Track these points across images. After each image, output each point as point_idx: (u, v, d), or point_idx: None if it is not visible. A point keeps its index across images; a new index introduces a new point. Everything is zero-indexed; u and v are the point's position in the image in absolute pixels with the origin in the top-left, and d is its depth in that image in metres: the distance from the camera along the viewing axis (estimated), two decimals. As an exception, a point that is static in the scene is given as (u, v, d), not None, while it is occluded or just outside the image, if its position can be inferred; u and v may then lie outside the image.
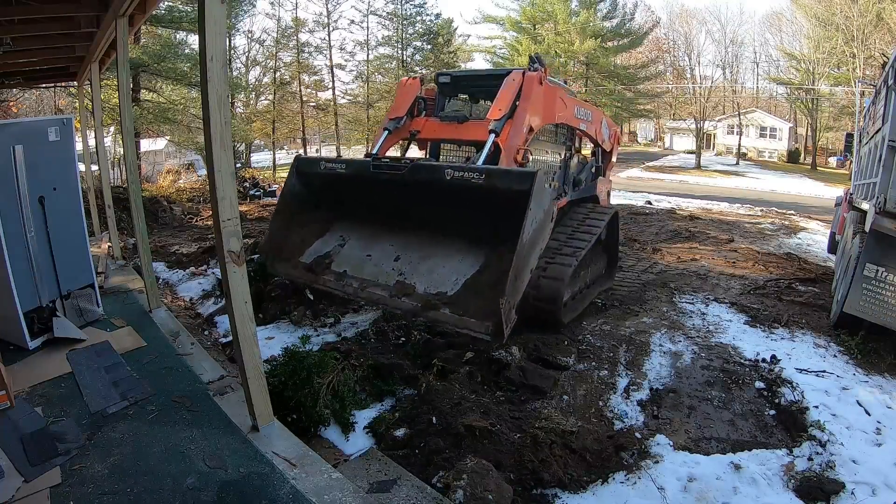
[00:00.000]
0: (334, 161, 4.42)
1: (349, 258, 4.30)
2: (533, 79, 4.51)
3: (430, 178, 3.76)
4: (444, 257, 3.89)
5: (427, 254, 4.01)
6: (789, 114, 38.26)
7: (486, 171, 3.54)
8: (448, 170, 3.64)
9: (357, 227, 4.50)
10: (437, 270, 3.85)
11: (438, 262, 3.90)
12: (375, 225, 4.41)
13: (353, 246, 4.39)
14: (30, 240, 4.00)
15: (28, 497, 2.50)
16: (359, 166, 4.20)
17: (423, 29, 30.08)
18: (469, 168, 3.57)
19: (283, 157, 38.54)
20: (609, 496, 2.94)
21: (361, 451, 3.23)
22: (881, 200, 4.25)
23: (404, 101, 5.01)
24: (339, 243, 4.46)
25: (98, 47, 5.62)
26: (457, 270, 3.77)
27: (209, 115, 2.51)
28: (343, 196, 4.53)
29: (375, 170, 4.02)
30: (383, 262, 4.12)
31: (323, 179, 4.45)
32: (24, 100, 17.46)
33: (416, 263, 3.98)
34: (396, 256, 4.11)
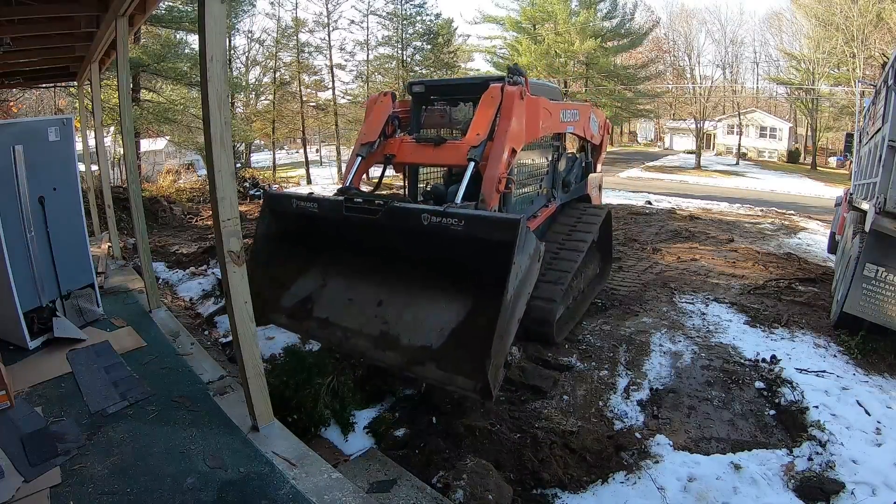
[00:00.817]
0: (306, 199, 4.03)
1: (331, 302, 3.97)
2: (513, 94, 4.05)
3: (406, 225, 3.42)
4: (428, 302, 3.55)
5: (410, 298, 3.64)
6: (789, 114, 38.27)
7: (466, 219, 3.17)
8: (425, 214, 3.30)
9: (336, 266, 4.14)
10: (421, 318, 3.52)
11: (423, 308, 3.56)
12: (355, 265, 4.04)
13: (334, 288, 4.04)
14: (30, 240, 4.00)
15: (28, 497, 2.50)
16: (331, 207, 3.81)
17: (423, 29, 30.05)
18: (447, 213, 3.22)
19: (283, 157, 38.62)
20: (609, 496, 2.94)
21: (361, 451, 3.23)
22: (881, 200, 4.25)
23: (376, 123, 4.59)
24: (319, 284, 4.12)
25: (98, 47, 5.62)
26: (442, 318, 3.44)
27: (209, 115, 2.51)
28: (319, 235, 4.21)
29: (348, 213, 3.69)
30: (366, 307, 3.77)
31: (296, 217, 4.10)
32: (24, 100, 17.46)
33: (399, 309, 3.64)
34: (379, 301, 3.75)
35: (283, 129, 29.24)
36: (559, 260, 4.94)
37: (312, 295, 4.05)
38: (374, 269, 3.90)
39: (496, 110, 4.03)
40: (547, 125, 4.86)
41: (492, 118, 4.02)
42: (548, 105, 4.83)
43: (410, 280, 3.66)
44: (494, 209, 3.83)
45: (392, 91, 4.79)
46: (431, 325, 3.41)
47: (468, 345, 3.16)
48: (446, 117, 5.21)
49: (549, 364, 4.39)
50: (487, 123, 3.99)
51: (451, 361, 3.18)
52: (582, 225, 5.42)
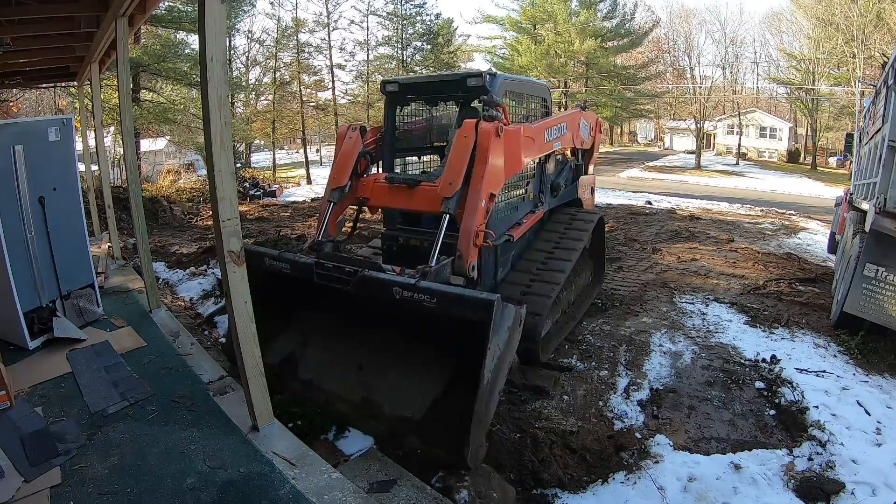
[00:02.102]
0: (278, 259, 3.81)
1: (313, 362, 3.87)
2: (489, 133, 3.67)
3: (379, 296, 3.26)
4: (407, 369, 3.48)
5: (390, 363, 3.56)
6: (789, 114, 38.28)
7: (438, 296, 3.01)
8: (396, 288, 3.15)
9: (315, 324, 4.02)
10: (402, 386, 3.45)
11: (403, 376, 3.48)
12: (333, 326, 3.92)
13: (315, 346, 3.95)
14: (30, 240, 4.01)
15: (28, 497, 2.50)
16: (303, 270, 3.62)
17: (423, 29, 30.10)
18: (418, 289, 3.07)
19: (283, 156, 38.61)
20: (609, 496, 2.94)
21: (361, 451, 3.23)
22: (881, 200, 4.25)
23: (346, 164, 4.28)
24: (301, 341, 4.01)
25: (98, 47, 5.62)
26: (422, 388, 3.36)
27: (209, 115, 2.51)
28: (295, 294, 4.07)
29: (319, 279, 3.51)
30: (347, 371, 3.68)
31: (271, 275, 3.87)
32: (24, 100, 17.46)
33: (380, 374, 3.56)
34: (359, 365, 3.66)
35: (283, 129, 29.25)
36: (547, 270, 4.65)
37: (295, 353, 3.93)
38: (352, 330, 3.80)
39: (471, 152, 3.68)
40: (531, 153, 4.55)
41: (466, 163, 3.67)
42: (530, 132, 4.49)
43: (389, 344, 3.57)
44: (473, 265, 3.62)
45: (361, 125, 4.50)
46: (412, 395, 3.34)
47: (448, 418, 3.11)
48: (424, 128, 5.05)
49: (549, 364, 4.39)
50: (461, 170, 3.65)
51: (433, 434, 3.14)
52: (572, 232, 5.18)
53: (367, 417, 3.42)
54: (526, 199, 4.91)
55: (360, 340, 3.73)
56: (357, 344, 3.74)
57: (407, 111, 5.03)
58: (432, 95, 4.94)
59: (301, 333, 4.00)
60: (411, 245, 4.47)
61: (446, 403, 3.21)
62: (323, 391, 3.64)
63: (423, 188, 4.01)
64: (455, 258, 3.60)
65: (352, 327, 3.80)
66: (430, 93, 4.94)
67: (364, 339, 3.71)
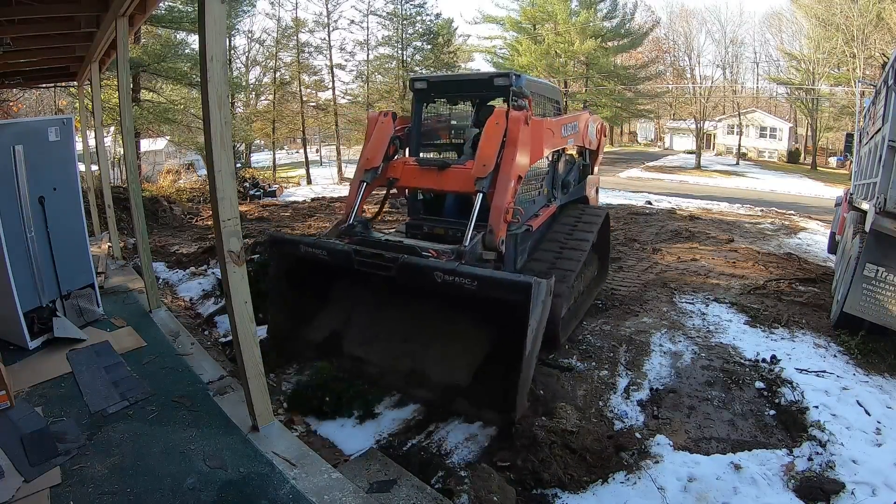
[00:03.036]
0: (314, 247, 4.02)
1: (358, 338, 4.12)
2: (518, 120, 4.03)
3: (420, 282, 3.50)
4: (451, 340, 3.76)
5: (434, 335, 3.84)
6: (789, 114, 38.26)
7: (479, 280, 3.26)
8: (437, 272, 3.38)
9: (357, 304, 4.24)
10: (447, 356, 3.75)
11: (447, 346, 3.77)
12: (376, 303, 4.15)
13: (359, 324, 4.19)
14: (30, 240, 4.01)
15: (28, 497, 2.50)
16: (342, 257, 3.80)
17: (423, 29, 30.08)
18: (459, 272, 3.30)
19: (283, 156, 38.61)
20: (609, 496, 2.94)
21: (361, 451, 3.23)
22: (881, 200, 4.24)
23: (379, 146, 4.55)
24: (344, 318, 4.23)
25: (98, 47, 5.63)
26: (465, 357, 3.69)
27: (209, 115, 2.51)
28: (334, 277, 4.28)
29: (359, 266, 3.70)
30: (393, 343, 3.96)
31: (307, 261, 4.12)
32: (24, 100, 17.46)
33: (425, 346, 3.83)
34: (405, 338, 3.94)
35: (283, 129, 29.26)
36: (562, 259, 4.91)
37: (339, 331, 4.17)
38: (395, 305, 4.01)
39: (502, 138, 4.01)
40: (550, 144, 4.90)
41: (498, 147, 4.00)
42: (550, 125, 4.85)
43: (431, 320, 3.84)
44: (502, 239, 3.91)
45: (392, 111, 4.75)
46: (456, 363, 3.64)
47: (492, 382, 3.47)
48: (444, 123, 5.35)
49: (549, 364, 4.38)
50: (494, 153, 3.98)
51: (480, 397, 3.49)
52: (582, 225, 5.46)
53: (416, 386, 3.73)
54: (541, 193, 5.18)
55: (403, 315, 3.97)
56: (400, 319, 3.98)
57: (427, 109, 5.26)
58: (459, 93, 5.25)
59: (343, 313, 4.23)
60: (436, 233, 4.69)
61: (489, 370, 3.54)
62: (372, 365, 3.91)
63: (453, 170, 4.30)
64: (486, 233, 3.86)
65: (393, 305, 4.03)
66: (457, 91, 5.24)
67: (406, 315, 3.96)
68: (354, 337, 4.10)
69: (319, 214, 12.53)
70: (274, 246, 4.39)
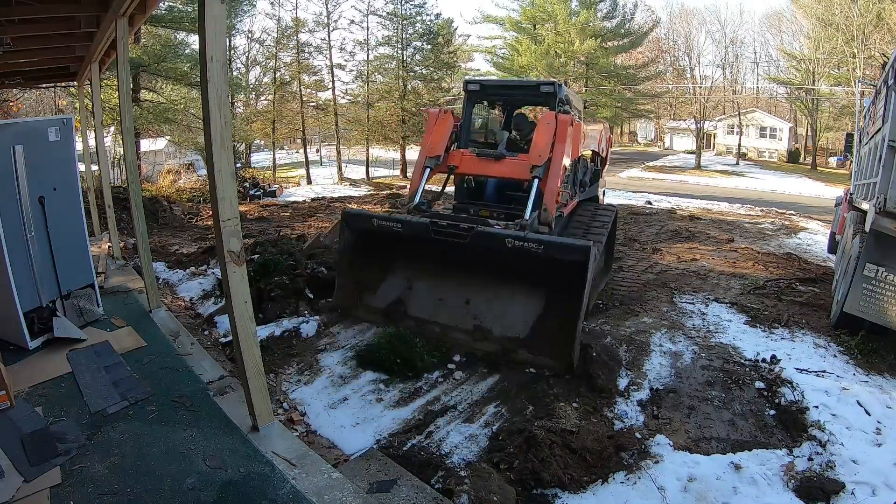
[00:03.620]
0: (389, 220, 4.65)
1: (422, 302, 4.60)
2: (566, 121, 4.95)
3: (491, 247, 4.13)
4: (509, 300, 4.32)
5: (494, 296, 4.37)
6: (789, 114, 38.24)
7: (545, 244, 3.96)
8: (508, 239, 4.03)
9: (420, 271, 4.74)
10: (506, 314, 4.29)
11: (506, 305, 4.31)
12: (438, 269, 4.64)
13: (422, 290, 4.68)
14: (30, 240, 4.00)
15: (28, 497, 2.50)
16: (418, 229, 4.39)
17: (423, 29, 30.01)
18: (528, 238, 3.99)
19: (284, 156, 38.59)
20: (609, 496, 2.94)
21: (361, 451, 3.23)
22: (881, 200, 4.24)
23: (441, 138, 5.23)
24: (406, 286, 4.73)
25: (98, 47, 5.62)
26: (523, 313, 4.25)
27: (209, 115, 2.51)
28: (401, 248, 4.77)
29: (436, 236, 4.30)
30: (456, 306, 4.46)
31: (378, 234, 4.67)
32: (24, 100, 17.45)
33: (486, 305, 4.37)
34: (467, 300, 4.45)
35: (283, 129, 29.22)
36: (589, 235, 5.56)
37: (402, 296, 4.69)
38: (456, 272, 4.54)
39: (553, 135, 4.87)
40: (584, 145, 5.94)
41: (550, 142, 4.86)
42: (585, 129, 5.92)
43: (491, 281, 4.38)
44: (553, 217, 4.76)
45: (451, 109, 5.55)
46: (516, 319, 4.25)
47: (548, 334, 4.09)
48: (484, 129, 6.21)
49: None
50: (547, 147, 4.84)
51: (538, 347, 4.09)
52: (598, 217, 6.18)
53: (480, 340, 4.29)
54: (567, 188, 5.82)
55: (464, 280, 4.51)
56: (461, 284, 4.53)
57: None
58: (507, 97, 6.09)
59: (406, 281, 4.77)
60: (481, 215, 5.28)
61: (544, 324, 4.16)
62: (438, 324, 4.46)
63: (509, 160, 5.11)
64: (541, 211, 4.70)
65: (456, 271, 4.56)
66: (505, 95, 6.10)
67: (467, 279, 4.51)
68: (417, 302, 4.62)
69: (319, 214, 12.53)
70: (347, 220, 4.90)
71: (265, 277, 5.38)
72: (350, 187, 24.19)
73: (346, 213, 5.00)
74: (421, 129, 27.61)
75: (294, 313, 5.10)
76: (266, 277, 5.40)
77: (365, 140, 29.13)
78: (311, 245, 6.82)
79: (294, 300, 5.26)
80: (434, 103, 29.14)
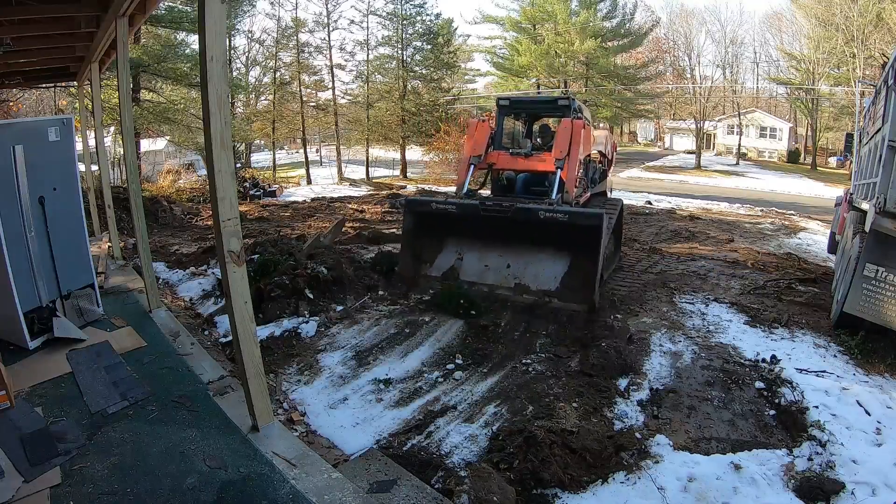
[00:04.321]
0: (444, 203, 6.00)
1: (471, 269, 5.78)
2: (579, 125, 6.24)
3: (528, 217, 5.38)
4: (541, 262, 5.56)
5: (530, 259, 5.62)
6: (789, 114, 38.21)
7: (569, 213, 5.29)
8: (541, 211, 5.31)
9: (468, 244, 5.93)
10: (540, 272, 5.51)
11: (539, 267, 5.55)
12: (484, 242, 5.84)
13: (471, 259, 5.87)
14: (30, 240, 4.00)
15: (28, 497, 2.50)
16: (470, 209, 5.67)
17: (423, 29, 30.01)
18: (556, 210, 5.33)
19: (283, 156, 38.58)
20: (609, 496, 2.94)
21: (361, 451, 3.23)
22: (881, 200, 4.24)
23: (482, 141, 6.52)
24: (457, 258, 5.91)
25: (98, 47, 5.62)
26: (553, 271, 5.48)
27: (209, 115, 2.51)
28: (453, 226, 5.91)
29: (485, 212, 5.54)
30: (499, 269, 5.67)
31: (433, 215, 5.92)
32: (24, 100, 17.45)
33: (523, 268, 5.59)
34: (508, 264, 5.67)
35: (283, 129, 29.23)
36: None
37: (455, 265, 5.89)
38: (498, 245, 5.79)
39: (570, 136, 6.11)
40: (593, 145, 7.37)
41: (568, 141, 6.10)
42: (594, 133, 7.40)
43: (527, 249, 5.66)
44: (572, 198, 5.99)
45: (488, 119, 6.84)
46: (548, 277, 5.48)
47: (574, 284, 5.32)
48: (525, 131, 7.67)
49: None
50: (566, 145, 6.10)
51: (566, 296, 5.31)
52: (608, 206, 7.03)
53: (520, 294, 5.46)
54: (582, 181, 6.99)
55: (505, 250, 5.77)
56: (502, 253, 5.77)
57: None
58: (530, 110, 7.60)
59: (457, 253, 5.97)
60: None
61: (570, 278, 5.40)
62: (485, 285, 5.63)
63: (536, 156, 6.53)
64: (563, 193, 5.92)
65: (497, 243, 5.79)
66: (529, 108, 7.63)
67: (507, 249, 5.76)
68: (468, 268, 5.81)
69: (319, 214, 12.53)
70: (408, 206, 6.28)
71: (265, 277, 5.40)
72: (350, 187, 24.19)
73: (409, 200, 6.50)
74: (421, 129, 27.79)
75: (294, 313, 5.11)
76: (266, 277, 5.41)
77: (365, 140, 29.14)
78: (311, 245, 6.83)
79: (294, 300, 5.27)
80: (434, 103, 29.19)
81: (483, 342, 4.79)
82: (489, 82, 38.32)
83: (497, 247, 5.76)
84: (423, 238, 6.02)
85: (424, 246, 6.03)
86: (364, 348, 4.65)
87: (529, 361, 4.50)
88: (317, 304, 5.34)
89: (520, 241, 5.64)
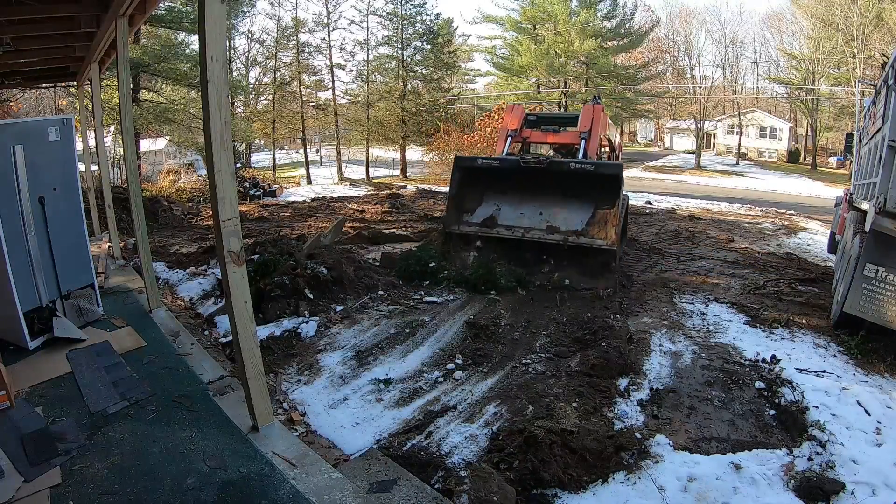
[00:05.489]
0: (489, 158, 7.29)
1: (509, 216, 6.68)
2: (599, 109, 7.55)
3: (560, 169, 6.46)
4: (569, 208, 6.49)
5: (559, 207, 6.53)
6: (789, 114, 38.21)
7: (594, 164, 6.53)
8: (571, 163, 6.45)
9: (506, 197, 6.84)
10: (569, 217, 6.43)
11: (568, 212, 6.47)
12: (518, 194, 6.75)
13: (507, 209, 6.77)
14: (30, 240, 4.00)
15: (28, 497, 2.50)
16: (511, 163, 6.75)
17: (423, 29, 30.03)
18: (584, 161, 6.55)
19: (283, 156, 38.60)
20: (609, 496, 2.93)
21: (361, 451, 3.23)
22: (881, 200, 4.24)
23: (516, 118, 7.72)
24: (496, 208, 6.79)
25: (98, 47, 5.62)
26: (579, 215, 6.40)
27: (209, 115, 2.51)
28: (494, 179, 6.83)
29: (524, 164, 6.58)
30: (533, 215, 6.58)
31: (478, 170, 6.89)
32: (24, 100, 17.45)
33: (554, 213, 6.51)
34: (540, 212, 6.59)
35: (283, 129, 29.26)
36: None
37: (493, 214, 6.73)
38: (532, 195, 6.70)
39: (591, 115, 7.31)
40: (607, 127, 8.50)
41: (590, 119, 7.26)
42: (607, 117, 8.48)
43: (557, 198, 6.58)
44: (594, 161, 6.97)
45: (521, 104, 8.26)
46: (575, 219, 6.39)
47: (597, 225, 6.25)
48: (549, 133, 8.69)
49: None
50: (589, 122, 7.25)
51: (590, 234, 6.21)
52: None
53: (551, 234, 6.32)
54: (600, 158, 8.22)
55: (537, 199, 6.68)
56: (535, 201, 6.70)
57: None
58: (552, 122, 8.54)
59: (495, 205, 6.86)
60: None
61: (594, 219, 6.32)
62: (521, 228, 6.51)
63: (563, 132, 7.79)
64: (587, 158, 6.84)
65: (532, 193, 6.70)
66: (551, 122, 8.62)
67: (539, 198, 6.67)
68: (505, 216, 6.69)
69: (319, 214, 12.53)
70: (457, 162, 7.17)
71: (265, 277, 5.39)
72: (350, 187, 24.19)
73: (458, 157, 7.44)
74: (421, 129, 27.87)
75: (294, 313, 5.11)
76: (266, 277, 5.40)
77: (365, 140, 29.15)
78: (311, 245, 6.83)
79: (294, 300, 5.26)
80: (434, 103, 29.21)
81: (483, 342, 4.79)
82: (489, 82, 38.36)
83: (531, 199, 6.68)
84: (467, 189, 6.88)
85: (466, 197, 6.89)
86: (364, 348, 4.65)
87: (529, 361, 4.50)
88: (317, 304, 5.34)
89: (552, 193, 6.56)
